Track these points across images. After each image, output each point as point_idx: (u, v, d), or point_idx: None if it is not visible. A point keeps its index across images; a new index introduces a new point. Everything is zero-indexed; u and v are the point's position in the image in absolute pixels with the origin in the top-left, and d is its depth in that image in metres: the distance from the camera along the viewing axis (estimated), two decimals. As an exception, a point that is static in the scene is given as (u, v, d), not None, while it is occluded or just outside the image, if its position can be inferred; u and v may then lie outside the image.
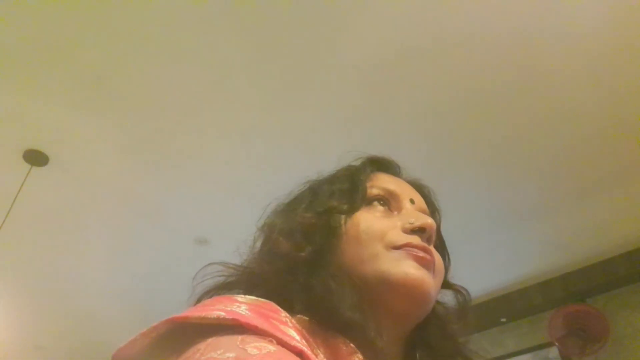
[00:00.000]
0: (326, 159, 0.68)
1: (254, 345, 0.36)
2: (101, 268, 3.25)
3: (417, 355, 0.57)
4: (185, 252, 3.06)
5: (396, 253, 0.52)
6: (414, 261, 0.52)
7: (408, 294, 0.51)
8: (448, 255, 0.63)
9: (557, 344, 3.14)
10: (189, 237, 2.97)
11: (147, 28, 1.88)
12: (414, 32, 1.89)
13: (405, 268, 0.51)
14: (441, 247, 0.63)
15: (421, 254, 0.52)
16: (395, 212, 0.58)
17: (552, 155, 2.42)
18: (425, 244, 0.54)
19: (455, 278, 0.63)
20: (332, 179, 0.62)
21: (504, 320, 3.49)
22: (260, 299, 0.46)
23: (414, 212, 0.57)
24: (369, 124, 2.26)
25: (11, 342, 3.97)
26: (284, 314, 0.45)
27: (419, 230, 0.54)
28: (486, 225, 2.88)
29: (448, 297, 0.62)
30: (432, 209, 0.65)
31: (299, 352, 0.38)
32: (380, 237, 0.53)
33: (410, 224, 0.55)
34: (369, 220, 0.55)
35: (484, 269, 3.21)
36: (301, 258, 0.52)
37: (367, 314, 0.48)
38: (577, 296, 3.21)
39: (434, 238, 0.56)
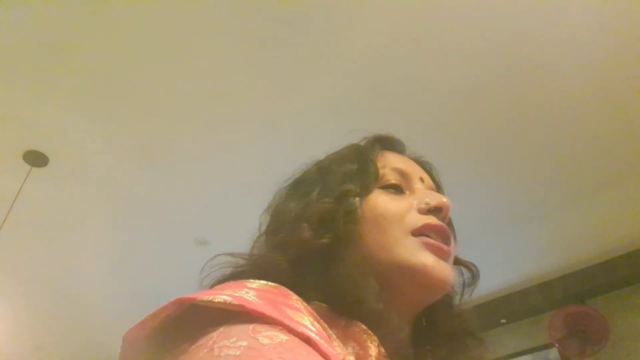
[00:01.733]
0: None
1: (266, 335, 0.36)
2: (101, 269, 3.25)
3: (423, 331, 0.57)
4: (185, 253, 3.06)
5: (415, 242, 0.52)
6: (433, 253, 0.52)
7: (426, 284, 0.51)
8: (454, 231, 0.63)
9: (557, 345, 3.14)
10: (188, 238, 2.97)
11: (147, 29, 1.88)
12: (418, 30, 1.90)
13: (424, 259, 0.51)
14: (449, 224, 0.63)
15: (438, 244, 0.52)
16: (408, 192, 0.58)
17: (552, 156, 2.42)
18: (442, 224, 0.54)
19: None
20: (340, 160, 0.61)
21: (504, 321, 3.49)
22: (270, 283, 0.46)
23: (427, 192, 0.57)
24: (372, 123, 2.25)
25: (11, 343, 3.96)
26: (295, 297, 0.45)
27: (435, 210, 0.54)
28: (486, 226, 2.88)
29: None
30: (437, 185, 0.66)
31: (305, 339, 0.38)
32: (399, 221, 0.53)
33: (426, 204, 0.55)
34: (385, 203, 0.55)
35: (484, 269, 3.16)
36: (322, 245, 0.51)
37: (389, 304, 0.48)
38: (577, 297, 3.21)
39: (448, 216, 0.56)
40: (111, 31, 1.88)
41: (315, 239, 0.51)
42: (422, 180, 0.59)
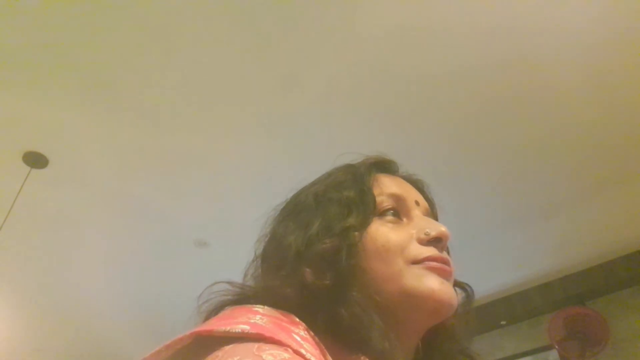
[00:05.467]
0: (327, 162, 0.67)
1: (270, 353, 0.38)
2: (100, 270, 3.25)
3: (422, 353, 0.57)
4: (185, 255, 3.05)
5: (418, 268, 0.53)
6: (437, 275, 0.53)
7: (435, 309, 0.52)
8: (448, 249, 0.64)
9: (556, 346, 3.14)
10: (188, 240, 2.97)
11: (147, 30, 1.88)
12: (412, 21, 1.90)
13: (431, 284, 0.52)
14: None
15: (441, 265, 0.53)
16: (405, 219, 0.58)
17: (551, 157, 2.42)
18: (443, 256, 0.55)
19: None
20: (336, 185, 0.60)
21: (503, 323, 3.49)
22: (280, 310, 0.47)
23: (425, 220, 0.58)
24: (376, 125, 2.26)
25: (10, 345, 3.96)
26: (303, 326, 0.46)
27: (435, 240, 0.55)
28: (486, 227, 2.88)
29: None
30: (431, 204, 0.66)
31: None
32: (400, 252, 0.53)
33: (426, 234, 0.55)
34: (386, 234, 0.55)
35: (484, 271, 3.20)
36: (324, 287, 0.50)
37: (393, 341, 0.49)
38: (577, 299, 3.21)
39: (446, 245, 0.57)
40: (112, 32, 1.89)
41: (317, 281, 0.51)
42: (417, 203, 0.60)
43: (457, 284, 0.62)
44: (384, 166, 0.65)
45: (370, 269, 0.53)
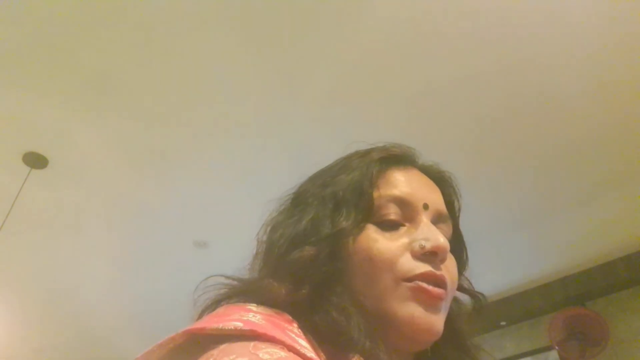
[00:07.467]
0: (327, 161, 0.67)
1: (266, 351, 0.37)
2: (100, 271, 3.24)
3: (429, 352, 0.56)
4: (185, 255, 3.05)
5: (404, 290, 0.49)
6: (422, 304, 0.49)
7: (413, 336, 0.49)
8: (466, 250, 0.61)
9: (556, 347, 3.14)
10: (188, 240, 2.97)
11: (147, 31, 1.88)
12: (412, 33, 1.90)
13: (412, 311, 0.49)
14: (458, 243, 0.60)
15: (430, 288, 0.50)
16: (407, 224, 0.54)
17: (551, 158, 2.42)
18: (437, 273, 0.51)
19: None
20: (338, 180, 0.56)
21: (503, 323, 3.49)
22: (273, 309, 0.46)
23: (426, 229, 0.52)
24: (371, 122, 2.26)
25: (9, 345, 3.96)
26: (296, 324, 0.45)
27: (431, 254, 0.51)
28: (486, 229, 2.88)
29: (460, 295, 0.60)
30: (451, 199, 0.62)
31: (302, 356, 0.39)
32: (390, 266, 0.50)
33: (421, 247, 0.51)
34: (378, 243, 0.51)
35: (484, 272, 3.19)
36: (301, 296, 0.48)
37: (378, 341, 0.47)
38: (577, 299, 3.21)
39: (446, 257, 0.53)
40: (112, 33, 1.89)
41: (292, 292, 0.48)
42: (426, 207, 0.54)
43: (469, 293, 0.60)
44: (395, 160, 0.59)
45: (355, 278, 0.50)
